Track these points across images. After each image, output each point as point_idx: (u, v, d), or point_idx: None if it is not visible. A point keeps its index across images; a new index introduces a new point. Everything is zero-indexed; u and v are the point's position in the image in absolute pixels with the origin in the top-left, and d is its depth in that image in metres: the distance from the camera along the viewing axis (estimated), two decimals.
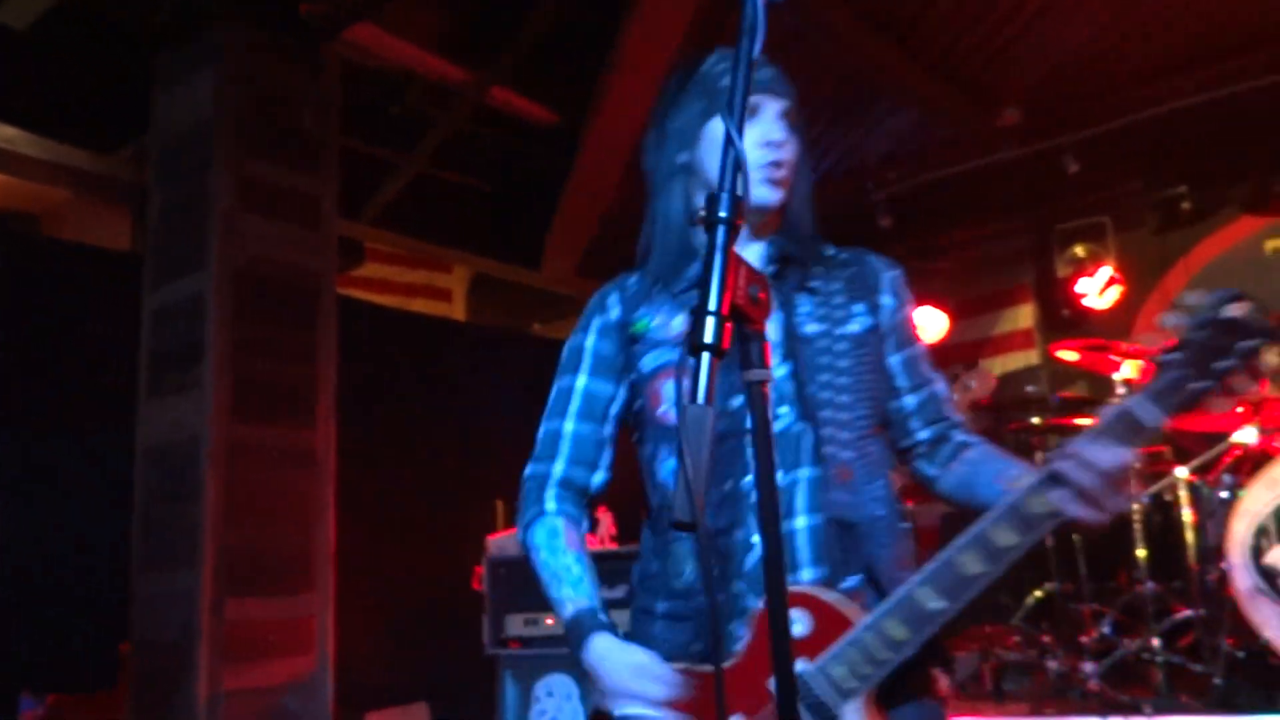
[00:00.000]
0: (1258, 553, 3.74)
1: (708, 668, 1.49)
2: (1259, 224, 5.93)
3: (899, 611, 1.41)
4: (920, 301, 6.54)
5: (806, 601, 1.47)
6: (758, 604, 1.49)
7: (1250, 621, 3.68)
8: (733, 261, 1.11)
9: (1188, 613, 4.09)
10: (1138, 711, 3.69)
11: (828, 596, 1.49)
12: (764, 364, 1.17)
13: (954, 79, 5.24)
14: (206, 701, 3.57)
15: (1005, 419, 5.31)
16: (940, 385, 1.71)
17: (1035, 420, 4.87)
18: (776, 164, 1.59)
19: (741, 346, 1.16)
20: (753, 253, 1.65)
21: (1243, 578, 3.73)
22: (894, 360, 1.67)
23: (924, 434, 1.69)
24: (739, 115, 1.15)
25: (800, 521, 1.53)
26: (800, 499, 1.53)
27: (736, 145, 1.13)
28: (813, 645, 1.45)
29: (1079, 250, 6.14)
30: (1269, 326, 1.33)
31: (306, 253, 4.15)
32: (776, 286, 1.55)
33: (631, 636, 1.60)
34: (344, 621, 4.09)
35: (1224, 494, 4.03)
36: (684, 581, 1.56)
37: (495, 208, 6.14)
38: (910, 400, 1.68)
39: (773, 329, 1.49)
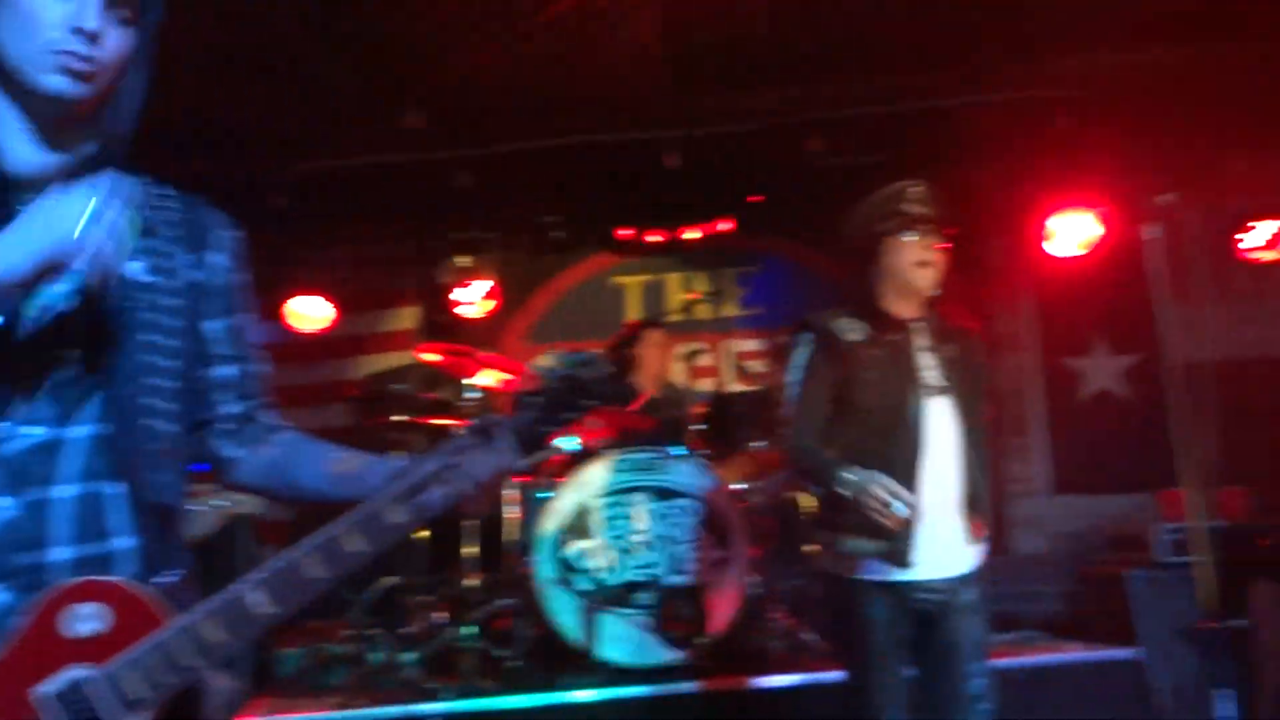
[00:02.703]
0: (559, 547, 4.20)
1: None
2: (612, 261, 6.78)
3: (222, 613, 1.25)
4: (308, 290, 6.45)
5: (109, 594, 1.24)
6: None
7: (545, 609, 4.12)
8: None
9: (502, 603, 4.45)
10: (435, 697, 3.91)
11: (139, 590, 1.26)
12: None
13: (361, 70, 5.21)
14: None
15: (370, 414, 5.39)
16: (258, 363, 1.57)
17: (399, 418, 4.99)
18: (81, 56, 1.31)
19: None
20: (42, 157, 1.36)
21: (544, 569, 4.17)
22: (215, 325, 1.50)
23: (232, 409, 1.53)
24: None
25: (62, 491, 1.29)
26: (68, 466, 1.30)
27: None
28: (106, 647, 1.22)
29: (464, 261, 6.46)
30: (607, 393, 1.53)
31: None
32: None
33: None
34: None
35: (545, 494, 4.46)
36: None
37: None
38: (223, 371, 1.51)
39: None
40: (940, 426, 2.61)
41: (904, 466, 2.54)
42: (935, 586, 2.58)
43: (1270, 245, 5.95)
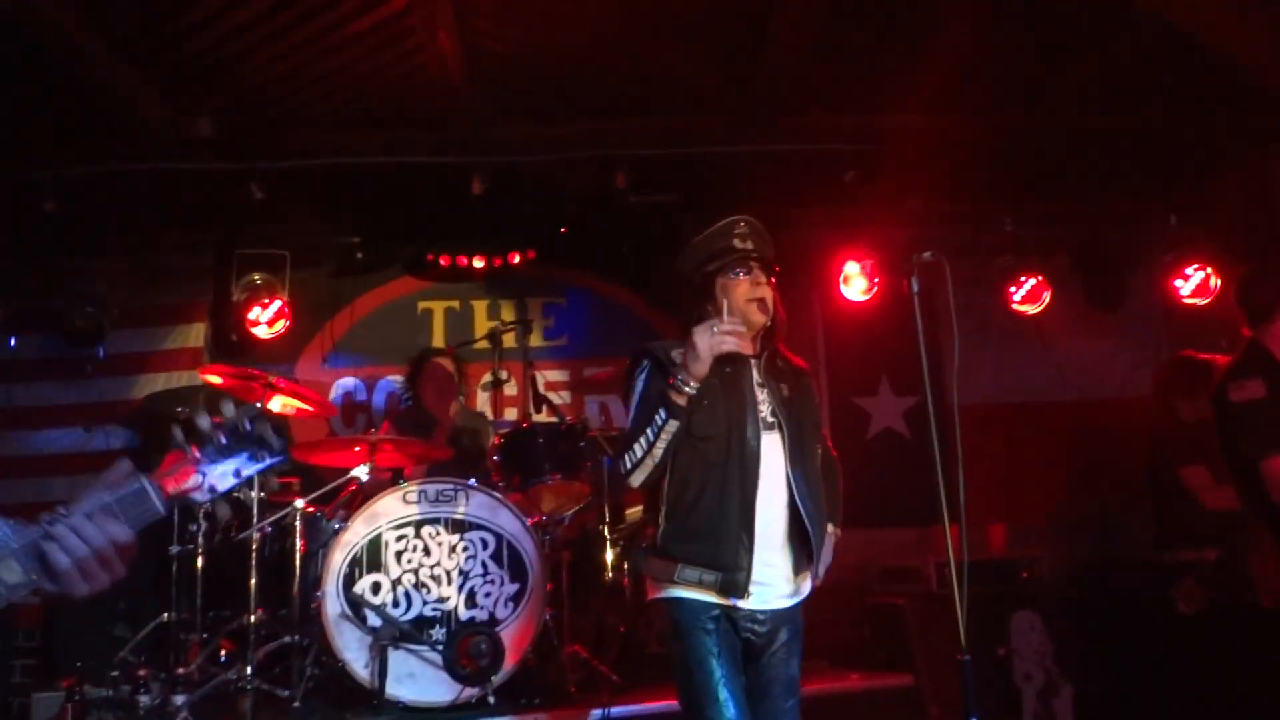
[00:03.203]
0: (349, 581, 4.04)
1: None
2: (417, 285, 6.63)
3: None
4: (82, 302, 5.96)
5: None
6: None
7: (333, 645, 3.94)
8: None
9: (286, 639, 4.23)
10: None
11: None
12: None
13: (147, 68, 4.89)
14: None
15: (149, 439, 5.05)
16: None
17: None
18: None
19: None
20: None
21: (333, 604, 3.99)
22: None
23: None
24: None
25: None
26: None
27: None
28: None
29: (257, 278, 6.15)
30: (275, 449, 1.52)
31: None
32: None
33: None
34: None
35: (336, 526, 4.28)
36: None
37: None
38: None
39: None
40: (773, 461, 2.65)
41: (740, 498, 2.58)
42: (761, 619, 2.63)
43: (1031, 299, 6.49)
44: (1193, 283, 6.34)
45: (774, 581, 2.65)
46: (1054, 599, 4.82)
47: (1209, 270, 6.29)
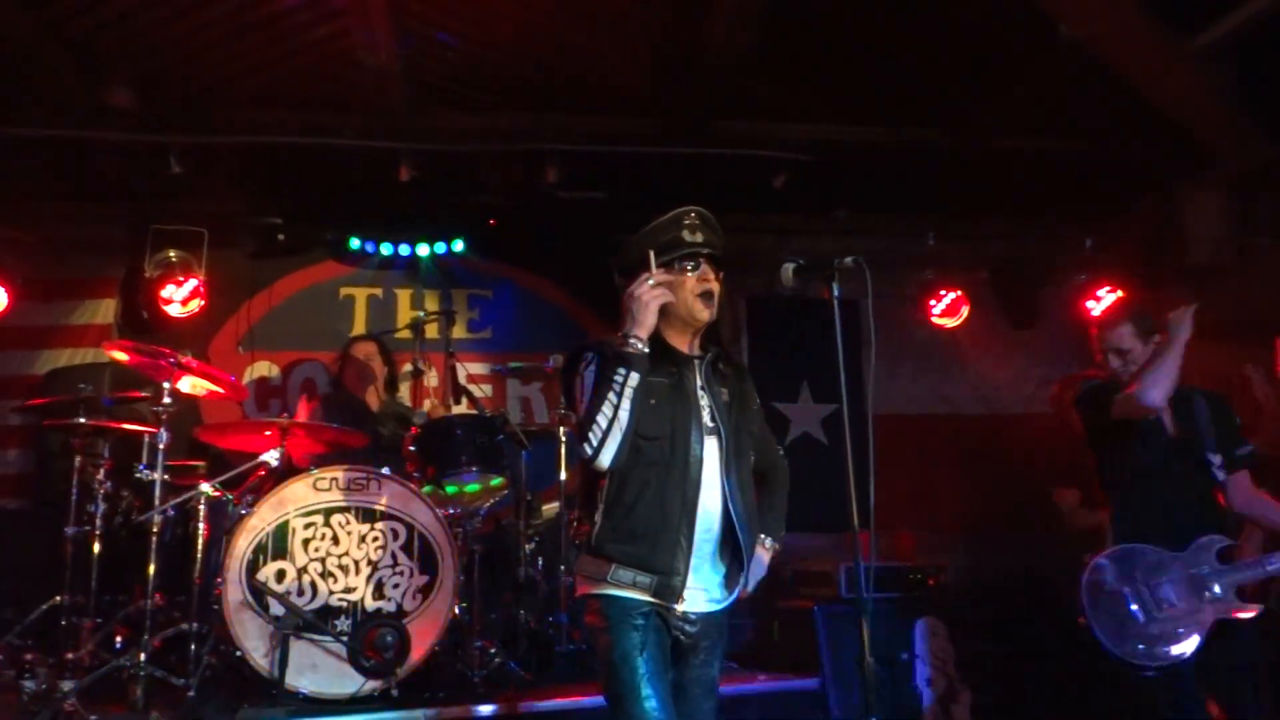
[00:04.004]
0: (253, 568, 3.94)
1: None
2: (340, 270, 6.51)
3: None
4: None
5: None
6: None
7: (233, 634, 3.84)
8: None
9: (184, 626, 4.10)
10: None
11: None
12: None
13: (63, 32, 4.72)
14: None
15: (50, 416, 4.86)
16: None
17: (81, 420, 4.50)
18: None
19: None
20: None
21: (234, 591, 3.89)
22: None
23: None
24: None
25: None
26: None
27: None
28: None
29: (172, 255, 5.98)
30: None
31: None
32: None
33: None
34: None
35: (242, 511, 4.17)
36: None
37: None
38: None
39: None
40: (711, 466, 2.62)
41: (681, 501, 2.56)
42: (693, 620, 2.61)
43: (950, 313, 6.63)
44: (1104, 304, 6.52)
45: (707, 586, 2.64)
46: (958, 607, 4.92)
47: (1120, 292, 6.48)
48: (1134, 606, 3.35)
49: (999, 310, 6.85)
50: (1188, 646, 3.26)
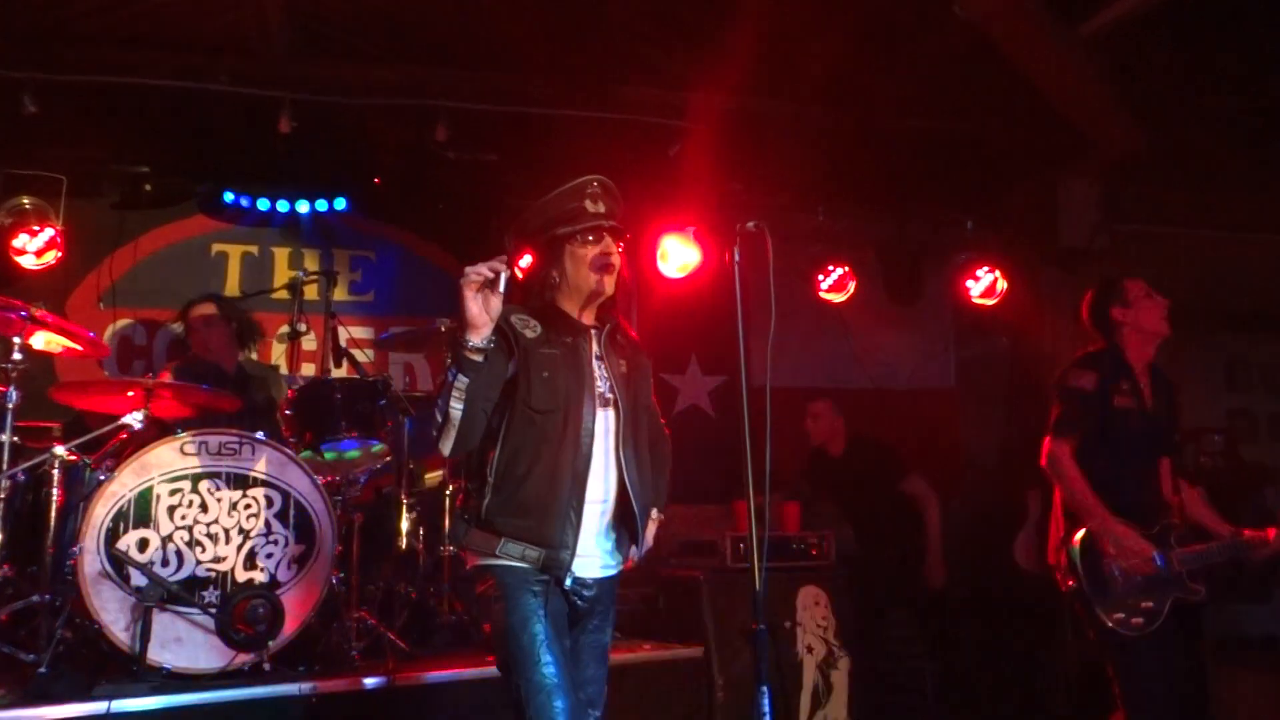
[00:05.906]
0: (112, 536, 3.70)
1: None
2: (212, 225, 6.17)
3: None
4: None
5: None
6: None
7: (90, 606, 3.61)
8: None
9: (35, 598, 3.83)
10: None
11: None
12: None
13: None
14: None
15: None
16: None
17: None
18: None
19: None
20: None
21: (92, 561, 3.65)
22: None
23: None
24: None
25: None
26: None
27: None
28: None
29: (26, 202, 5.57)
30: None
31: None
32: None
33: None
34: None
35: (101, 477, 3.91)
36: None
37: None
38: None
39: None
40: (606, 439, 2.59)
41: (571, 474, 2.51)
42: (589, 585, 2.60)
43: (837, 288, 6.72)
44: (982, 284, 6.71)
45: (600, 554, 2.62)
46: (838, 576, 5.01)
47: (997, 273, 6.67)
48: (1116, 571, 3.53)
49: (882, 287, 6.97)
50: (1155, 619, 3.48)
